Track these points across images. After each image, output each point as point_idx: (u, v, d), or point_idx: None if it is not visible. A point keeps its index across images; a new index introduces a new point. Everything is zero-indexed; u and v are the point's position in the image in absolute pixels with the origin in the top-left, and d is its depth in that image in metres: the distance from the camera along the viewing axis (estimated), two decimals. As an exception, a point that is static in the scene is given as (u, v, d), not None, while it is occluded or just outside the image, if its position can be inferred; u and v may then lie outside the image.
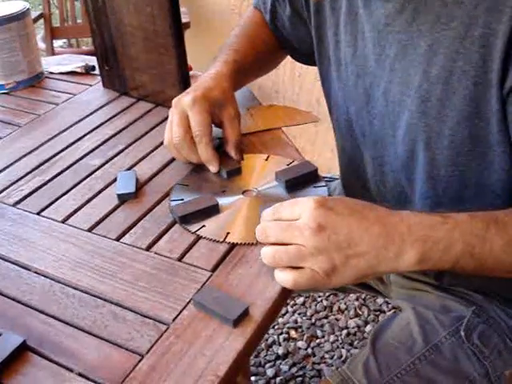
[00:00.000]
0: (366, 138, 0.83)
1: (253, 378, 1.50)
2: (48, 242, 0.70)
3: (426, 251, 0.59)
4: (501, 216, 0.61)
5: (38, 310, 0.61)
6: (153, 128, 0.95)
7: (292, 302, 1.72)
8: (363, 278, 0.60)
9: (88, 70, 1.15)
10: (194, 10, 2.30)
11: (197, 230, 0.70)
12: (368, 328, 1.63)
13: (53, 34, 2.41)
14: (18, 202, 0.78)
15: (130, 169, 0.84)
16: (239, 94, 0.89)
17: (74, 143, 0.91)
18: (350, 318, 1.66)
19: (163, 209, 0.75)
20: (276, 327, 1.65)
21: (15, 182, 0.82)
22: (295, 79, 2.09)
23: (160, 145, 0.88)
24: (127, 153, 0.88)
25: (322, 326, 1.65)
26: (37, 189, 0.81)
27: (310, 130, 2.08)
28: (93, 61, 1.15)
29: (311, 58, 0.92)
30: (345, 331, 1.62)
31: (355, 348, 1.58)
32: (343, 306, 1.70)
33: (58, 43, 3.14)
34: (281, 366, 1.54)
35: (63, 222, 0.74)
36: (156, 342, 0.57)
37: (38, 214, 0.76)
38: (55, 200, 0.78)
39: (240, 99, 0.87)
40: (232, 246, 0.68)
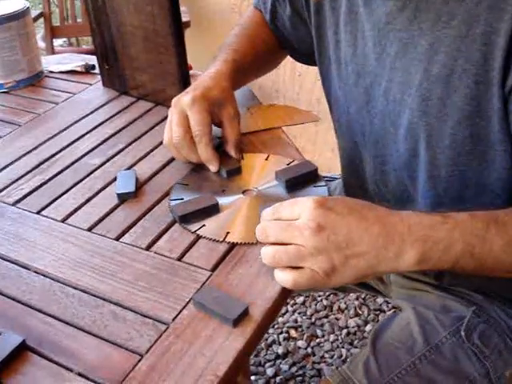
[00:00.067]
0: (366, 137, 0.83)
1: (253, 377, 1.50)
2: (48, 242, 0.70)
3: (426, 251, 0.58)
4: (501, 216, 0.61)
5: (38, 310, 0.61)
6: (153, 127, 0.95)
7: (292, 302, 1.72)
8: (363, 277, 0.60)
9: (88, 69, 1.15)
10: (195, 10, 2.30)
11: (197, 230, 0.70)
12: (368, 327, 1.63)
13: (53, 32, 2.41)
14: (18, 201, 0.78)
15: (129, 168, 0.84)
16: (239, 94, 0.89)
17: (73, 142, 0.91)
18: (350, 318, 1.66)
19: (163, 208, 0.75)
20: (276, 326, 1.65)
21: (15, 181, 0.82)
22: (295, 79, 2.09)
23: (160, 144, 0.88)
24: (127, 152, 0.88)
25: (322, 325, 1.65)
26: (37, 188, 0.81)
27: (311, 130, 2.08)
28: (93, 60, 1.15)
29: (311, 57, 0.92)
30: (345, 331, 1.62)
31: (355, 347, 1.58)
32: (343, 306, 1.70)
33: (58, 42, 3.14)
34: (281, 365, 1.54)
35: (63, 221, 0.74)
36: (156, 341, 0.57)
37: (37, 213, 0.76)
38: (55, 199, 0.78)
39: (240, 98, 0.87)
40: (232, 246, 0.68)
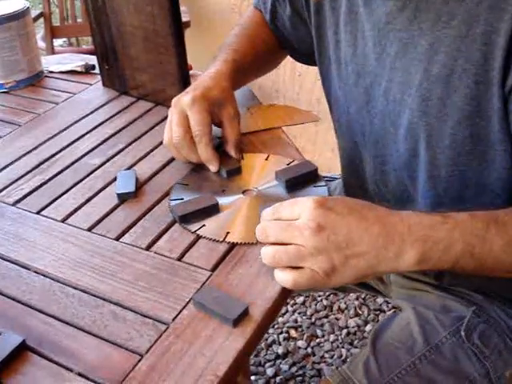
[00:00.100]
0: (365, 137, 0.83)
1: (253, 377, 1.50)
2: (48, 242, 0.70)
3: (426, 251, 0.58)
4: (501, 216, 0.61)
5: (38, 310, 0.61)
6: (153, 127, 0.95)
7: (292, 302, 1.72)
8: (363, 277, 0.60)
9: (88, 69, 1.15)
10: (195, 10, 2.30)
11: (197, 230, 0.70)
12: (368, 327, 1.63)
13: (53, 32, 2.41)
14: (18, 201, 0.78)
15: (129, 168, 0.84)
16: (239, 94, 0.89)
17: (73, 142, 0.91)
18: (350, 318, 1.66)
19: (163, 208, 0.75)
20: (276, 326, 1.65)
21: (15, 181, 0.82)
22: (295, 79, 2.09)
23: (160, 144, 0.88)
24: (127, 152, 0.88)
25: (322, 325, 1.65)
26: (37, 188, 0.81)
27: (311, 130, 2.08)
28: (93, 60, 1.15)
29: (311, 57, 0.92)
30: (345, 331, 1.62)
31: (355, 347, 1.58)
32: (343, 306, 1.70)
33: (58, 42, 3.14)
34: (281, 365, 1.54)
35: (63, 221, 0.74)
36: (156, 341, 0.57)
37: (37, 213, 0.76)
38: (55, 199, 0.78)
39: (240, 98, 0.87)
40: (232, 246, 0.68)
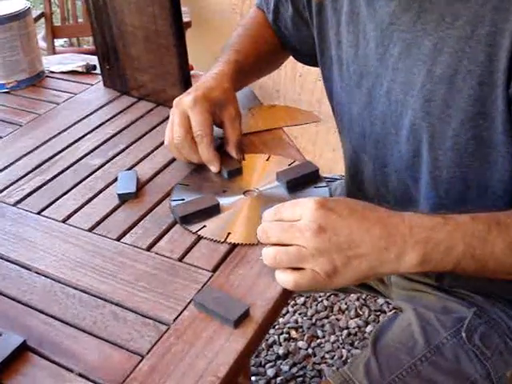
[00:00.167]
0: (366, 138, 0.83)
1: (253, 378, 1.50)
2: (48, 242, 0.70)
3: (427, 252, 0.58)
4: (502, 218, 0.61)
5: (39, 310, 0.61)
6: (154, 128, 0.94)
7: (293, 302, 1.72)
8: (364, 279, 0.60)
9: (89, 70, 1.15)
10: (196, 10, 2.30)
11: (198, 231, 0.70)
12: (369, 328, 1.63)
13: (54, 33, 2.41)
14: (19, 201, 0.78)
15: (130, 168, 0.84)
16: (240, 94, 0.89)
17: (74, 143, 0.91)
18: (351, 318, 1.66)
19: (164, 209, 0.75)
20: (276, 327, 1.65)
21: (16, 182, 0.82)
22: (296, 79, 2.09)
23: (161, 145, 0.88)
24: (128, 152, 0.88)
25: (323, 326, 1.65)
26: (37, 188, 0.81)
27: (311, 130, 2.08)
28: (94, 60, 1.14)
29: (313, 58, 0.92)
30: (345, 331, 1.62)
31: (356, 348, 1.57)
32: (344, 306, 1.70)
33: (59, 42, 3.14)
34: (281, 366, 1.54)
35: (64, 221, 0.74)
36: (156, 342, 0.57)
37: (38, 213, 0.76)
38: (56, 200, 0.78)
39: (241, 99, 0.87)
40: (233, 247, 0.68)
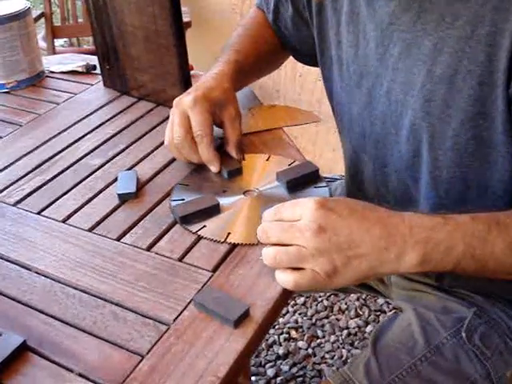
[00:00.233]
0: (366, 138, 0.83)
1: (253, 378, 1.50)
2: (48, 242, 0.70)
3: (427, 253, 0.58)
4: (502, 218, 0.61)
5: (39, 310, 0.61)
6: (154, 128, 0.94)
7: (292, 302, 1.72)
8: (364, 279, 0.60)
9: (89, 70, 1.15)
10: (195, 10, 2.30)
11: (197, 231, 0.70)
12: (369, 328, 1.63)
13: (54, 33, 2.41)
14: (19, 201, 0.78)
15: (130, 168, 0.84)
16: (240, 94, 0.89)
17: (74, 143, 0.91)
18: (351, 318, 1.66)
19: (164, 209, 0.75)
20: (276, 327, 1.65)
21: (16, 182, 0.82)
22: (296, 79, 2.09)
23: (161, 145, 0.88)
24: (128, 152, 0.88)
25: (323, 326, 1.65)
26: (37, 188, 0.81)
27: (311, 130, 2.08)
28: (94, 60, 1.14)
29: (313, 58, 0.92)
30: (345, 331, 1.62)
31: (356, 348, 1.57)
32: (344, 306, 1.70)
33: (59, 42, 3.14)
34: (281, 366, 1.54)
35: (64, 221, 0.74)
36: (156, 342, 0.57)
37: (38, 213, 0.76)
38: (56, 200, 0.78)
39: (241, 99, 0.87)
40: (233, 247, 0.68)
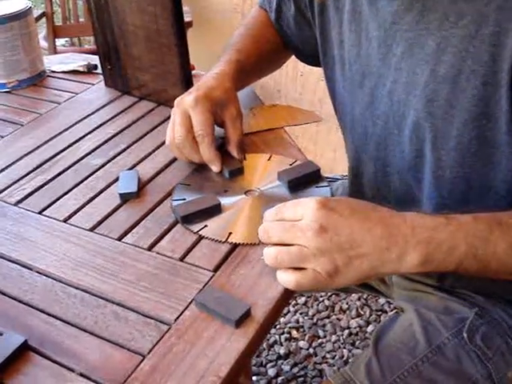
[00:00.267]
0: (368, 138, 0.83)
1: (254, 377, 1.50)
2: (49, 242, 0.70)
3: (429, 253, 0.58)
4: (505, 218, 0.61)
5: (40, 310, 0.61)
6: (155, 127, 0.94)
7: (294, 302, 1.72)
8: (366, 278, 0.60)
9: (90, 69, 1.15)
10: (197, 10, 2.30)
11: (199, 230, 0.70)
12: (370, 328, 1.63)
13: (55, 32, 2.41)
14: (20, 201, 0.78)
15: (131, 168, 0.84)
16: (242, 94, 0.88)
17: (75, 142, 0.91)
18: (352, 318, 1.66)
19: (165, 208, 0.75)
20: (278, 327, 1.65)
21: (17, 181, 0.82)
22: (298, 79, 2.09)
23: (162, 144, 0.88)
24: (129, 152, 0.88)
25: (324, 325, 1.65)
26: (38, 188, 0.81)
27: (312, 130, 2.08)
28: (95, 60, 1.14)
29: (315, 58, 0.92)
30: (346, 331, 1.62)
31: (357, 348, 1.57)
32: (345, 306, 1.70)
33: (60, 42, 3.14)
34: (282, 365, 1.54)
35: (65, 221, 0.74)
36: (158, 342, 0.57)
37: (39, 213, 0.76)
38: (57, 199, 0.78)
39: (243, 99, 0.87)
40: (234, 246, 0.68)
